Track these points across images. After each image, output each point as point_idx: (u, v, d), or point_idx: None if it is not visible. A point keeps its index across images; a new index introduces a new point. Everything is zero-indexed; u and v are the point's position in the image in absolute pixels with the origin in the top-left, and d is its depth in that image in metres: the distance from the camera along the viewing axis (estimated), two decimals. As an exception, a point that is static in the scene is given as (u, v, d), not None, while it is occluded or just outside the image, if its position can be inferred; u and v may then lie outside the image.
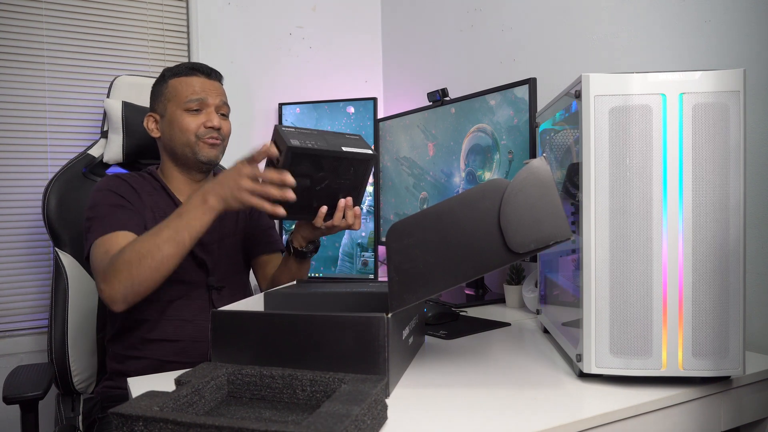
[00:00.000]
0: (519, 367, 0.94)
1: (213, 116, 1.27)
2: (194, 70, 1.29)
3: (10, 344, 1.75)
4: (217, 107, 1.29)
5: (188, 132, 1.26)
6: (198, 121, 1.26)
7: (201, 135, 1.26)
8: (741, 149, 0.80)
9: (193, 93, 1.26)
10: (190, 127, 1.26)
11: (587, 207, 0.83)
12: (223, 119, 1.30)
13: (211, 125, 1.26)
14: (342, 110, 2.03)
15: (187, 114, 1.26)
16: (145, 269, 1.04)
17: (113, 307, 1.08)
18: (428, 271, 0.80)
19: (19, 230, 1.78)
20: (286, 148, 1.02)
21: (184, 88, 1.27)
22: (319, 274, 2.04)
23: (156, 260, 1.04)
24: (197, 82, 1.28)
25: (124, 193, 1.23)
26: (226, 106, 1.32)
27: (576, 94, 0.84)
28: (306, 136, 1.07)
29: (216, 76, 1.32)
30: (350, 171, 1.11)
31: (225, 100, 1.32)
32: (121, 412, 0.63)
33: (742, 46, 1.08)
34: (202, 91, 1.27)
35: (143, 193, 1.27)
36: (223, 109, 1.30)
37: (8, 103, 1.76)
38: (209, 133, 1.27)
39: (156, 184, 1.31)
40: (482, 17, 1.80)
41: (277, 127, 1.07)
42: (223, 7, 2.06)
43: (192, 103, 1.26)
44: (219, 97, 1.29)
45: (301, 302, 1.06)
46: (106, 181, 1.26)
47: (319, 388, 0.76)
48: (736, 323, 0.80)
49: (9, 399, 1.22)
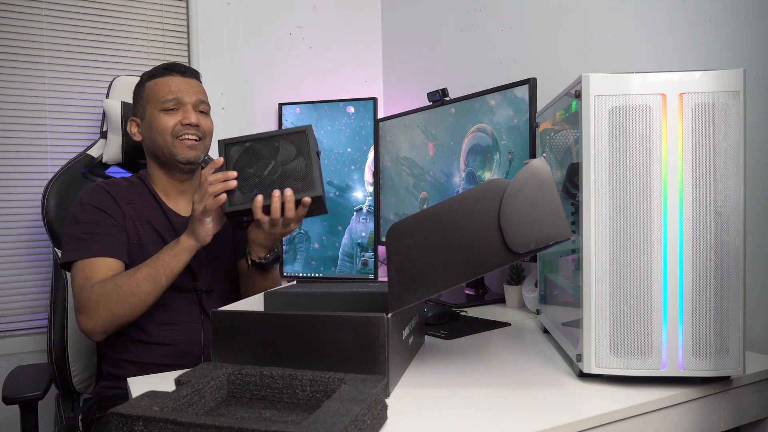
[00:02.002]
0: (519, 367, 0.94)
1: (190, 113, 1.26)
2: (169, 70, 1.29)
3: (10, 344, 1.75)
4: (194, 105, 1.28)
5: (165, 132, 1.26)
6: (175, 119, 1.26)
7: (177, 133, 1.26)
8: (741, 149, 0.80)
9: (168, 92, 1.26)
10: (167, 126, 1.25)
11: (587, 207, 0.83)
12: (202, 116, 1.29)
13: (188, 122, 1.25)
14: (342, 110, 2.03)
15: (164, 114, 1.26)
16: (124, 305, 1.11)
17: (92, 338, 1.15)
18: (428, 271, 0.80)
19: (18, 230, 1.78)
20: (219, 146, 1.11)
21: (160, 88, 1.27)
22: (319, 274, 2.04)
23: (135, 298, 1.12)
24: (173, 82, 1.27)
25: (106, 208, 1.24)
26: (204, 103, 1.31)
27: (576, 94, 0.84)
28: (244, 137, 1.14)
29: (192, 74, 1.31)
30: (292, 152, 1.11)
31: (203, 98, 1.31)
32: (121, 412, 0.63)
33: (742, 46, 1.08)
34: (177, 90, 1.27)
35: (124, 204, 1.26)
36: (201, 107, 1.29)
37: (8, 103, 1.76)
38: (185, 131, 1.26)
39: (143, 189, 1.31)
40: (482, 17, 1.80)
41: (221, 140, 1.15)
42: (223, 7, 2.06)
43: (168, 103, 1.26)
44: (196, 95, 1.28)
45: (301, 302, 1.06)
46: (88, 194, 1.26)
47: (319, 388, 0.76)
48: (736, 323, 0.80)
49: (9, 399, 1.22)
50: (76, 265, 1.18)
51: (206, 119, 1.31)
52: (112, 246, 1.20)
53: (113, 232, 1.22)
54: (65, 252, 1.20)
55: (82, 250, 1.19)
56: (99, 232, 1.20)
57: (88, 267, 1.17)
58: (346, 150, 2.02)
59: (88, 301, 1.12)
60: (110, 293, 1.11)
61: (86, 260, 1.18)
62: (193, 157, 1.28)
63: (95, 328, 1.12)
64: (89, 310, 1.12)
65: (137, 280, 1.11)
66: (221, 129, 1.98)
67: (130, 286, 1.11)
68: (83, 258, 1.18)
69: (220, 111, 2.03)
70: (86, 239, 1.19)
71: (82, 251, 1.18)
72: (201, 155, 1.30)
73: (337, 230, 2.03)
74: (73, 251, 1.19)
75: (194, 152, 1.28)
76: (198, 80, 1.33)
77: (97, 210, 1.23)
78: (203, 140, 1.30)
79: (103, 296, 1.11)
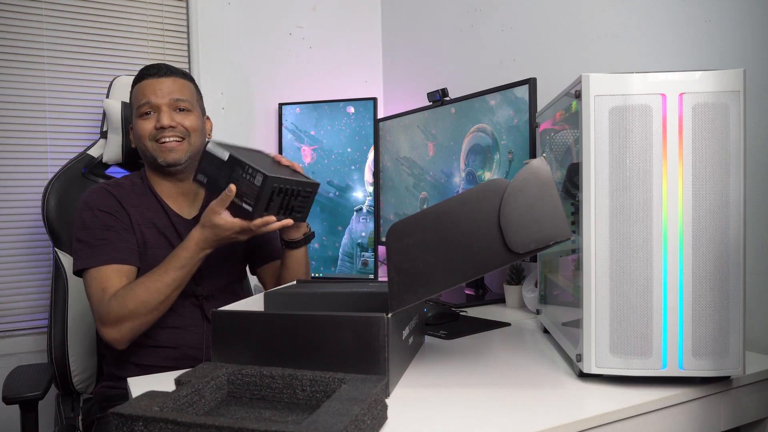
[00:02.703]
0: (519, 367, 0.94)
1: (162, 115, 1.23)
2: (145, 74, 1.27)
3: (10, 344, 1.75)
4: (168, 105, 1.24)
5: (144, 137, 1.25)
6: (151, 123, 1.24)
7: (155, 137, 1.24)
8: (741, 149, 0.80)
9: (142, 96, 1.25)
10: (145, 132, 1.25)
11: (587, 207, 0.83)
12: (181, 115, 1.26)
13: (160, 125, 1.23)
14: (342, 110, 2.03)
15: (141, 119, 1.25)
16: (152, 313, 1.13)
17: (117, 347, 1.16)
18: (428, 271, 0.80)
19: (18, 230, 1.78)
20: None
21: (137, 94, 1.27)
22: (319, 274, 2.04)
23: (164, 305, 1.14)
24: (147, 85, 1.26)
25: (115, 212, 1.23)
26: (183, 101, 1.26)
27: (576, 94, 0.84)
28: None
29: (167, 72, 1.27)
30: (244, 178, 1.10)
31: (179, 95, 1.26)
32: (121, 412, 0.63)
33: (742, 46, 1.08)
34: (151, 92, 1.24)
35: (129, 207, 1.25)
36: (180, 104, 1.25)
37: (8, 103, 1.76)
38: (161, 134, 1.24)
39: (144, 189, 1.30)
40: (482, 17, 1.80)
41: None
42: (223, 7, 2.05)
43: (142, 107, 1.25)
44: (169, 96, 1.25)
45: (301, 302, 1.06)
46: (95, 197, 1.24)
47: (319, 388, 0.76)
48: (736, 323, 0.80)
49: (9, 399, 1.22)
50: (90, 273, 1.17)
51: (186, 117, 1.26)
52: (124, 252, 1.19)
53: (125, 237, 1.21)
54: (78, 258, 1.19)
55: (95, 256, 1.17)
56: (111, 237, 1.19)
57: (102, 276, 1.16)
58: (346, 150, 2.02)
59: (110, 314, 1.12)
60: (136, 307, 1.11)
61: (100, 268, 1.17)
62: (173, 159, 1.25)
63: (122, 339, 1.14)
64: (115, 323, 1.12)
65: (160, 288, 1.12)
66: (221, 129, 1.99)
67: (158, 295, 1.12)
68: (97, 265, 1.17)
69: (220, 111, 2.03)
70: (99, 245, 1.18)
71: (96, 258, 1.17)
72: (184, 155, 1.26)
73: (337, 230, 2.03)
74: (86, 258, 1.18)
75: (175, 154, 1.25)
76: (179, 77, 1.28)
77: (106, 214, 1.21)
78: (186, 139, 1.26)
79: (128, 310, 1.11)
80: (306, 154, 2.07)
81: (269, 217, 1.10)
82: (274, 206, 1.10)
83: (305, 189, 1.16)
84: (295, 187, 1.13)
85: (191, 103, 1.29)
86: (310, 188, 1.18)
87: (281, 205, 1.12)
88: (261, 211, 1.08)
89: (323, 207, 2.04)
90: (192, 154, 1.28)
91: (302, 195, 1.16)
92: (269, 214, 1.10)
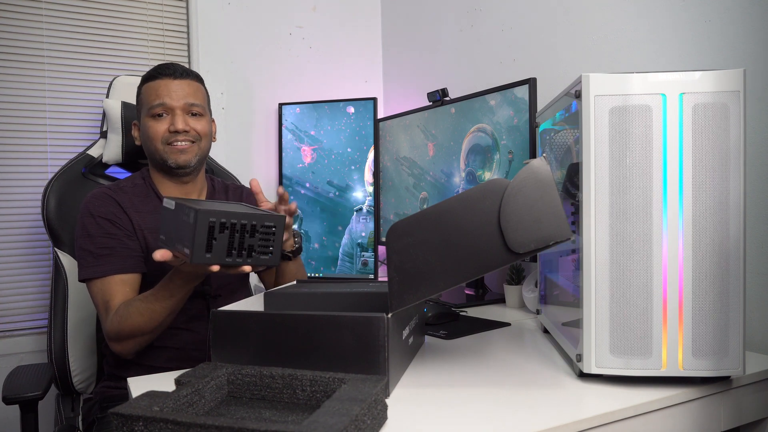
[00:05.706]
0: (519, 367, 0.94)
1: (177, 119, 1.22)
2: (159, 73, 1.25)
3: (10, 344, 1.75)
4: (183, 108, 1.23)
5: (155, 140, 1.23)
6: (164, 126, 1.22)
7: (167, 140, 1.23)
8: (741, 149, 0.80)
9: (156, 97, 1.22)
10: (157, 134, 1.23)
11: (587, 207, 0.83)
12: (194, 119, 1.25)
13: (175, 129, 1.22)
14: (342, 110, 2.03)
15: (153, 120, 1.23)
16: (151, 335, 1.13)
17: (125, 357, 1.17)
18: (428, 271, 0.80)
19: (18, 230, 1.78)
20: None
21: (149, 93, 1.24)
22: (319, 274, 2.04)
23: (159, 328, 1.12)
24: (161, 85, 1.23)
25: (117, 219, 1.22)
26: (197, 105, 1.25)
27: (576, 94, 0.84)
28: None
29: (183, 74, 1.26)
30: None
31: (194, 99, 1.25)
32: (121, 412, 0.63)
33: (742, 46, 1.08)
34: (165, 94, 1.22)
35: (132, 212, 1.24)
36: (194, 109, 1.25)
37: (8, 103, 1.76)
38: (173, 138, 1.23)
39: (147, 191, 1.29)
40: (482, 17, 1.80)
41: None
42: (223, 7, 2.05)
43: (155, 108, 1.22)
44: (184, 99, 1.23)
45: (301, 302, 1.06)
46: (95, 203, 1.23)
47: (319, 388, 0.76)
48: (736, 323, 0.80)
49: (9, 399, 1.22)
50: (94, 284, 1.18)
51: (199, 121, 1.26)
52: (128, 260, 1.19)
53: (128, 244, 1.20)
54: (82, 267, 1.19)
55: (99, 266, 1.17)
56: (114, 246, 1.19)
57: (106, 287, 1.16)
58: (346, 150, 2.02)
59: (111, 331, 1.13)
60: (132, 331, 1.10)
61: (103, 279, 1.17)
62: (184, 161, 1.24)
63: (127, 353, 1.15)
64: (117, 340, 1.13)
65: (153, 315, 1.08)
66: (221, 129, 1.99)
67: (151, 322, 1.09)
68: (101, 276, 1.17)
69: (220, 111, 2.03)
70: (103, 255, 1.18)
71: (99, 268, 1.17)
72: (194, 158, 1.26)
73: (337, 230, 2.03)
74: (90, 267, 1.18)
75: (186, 156, 1.24)
76: (193, 80, 1.28)
77: (108, 222, 1.21)
78: (197, 143, 1.26)
79: (127, 330, 1.10)
80: (306, 154, 2.07)
81: (212, 266, 0.93)
82: (221, 247, 0.92)
83: (263, 224, 0.96)
84: (244, 221, 0.94)
85: (203, 107, 1.28)
86: (271, 222, 0.97)
87: (232, 246, 0.94)
88: (201, 253, 0.91)
89: (323, 207, 2.04)
90: (200, 157, 1.28)
91: (260, 232, 0.97)
92: (215, 256, 0.92)
